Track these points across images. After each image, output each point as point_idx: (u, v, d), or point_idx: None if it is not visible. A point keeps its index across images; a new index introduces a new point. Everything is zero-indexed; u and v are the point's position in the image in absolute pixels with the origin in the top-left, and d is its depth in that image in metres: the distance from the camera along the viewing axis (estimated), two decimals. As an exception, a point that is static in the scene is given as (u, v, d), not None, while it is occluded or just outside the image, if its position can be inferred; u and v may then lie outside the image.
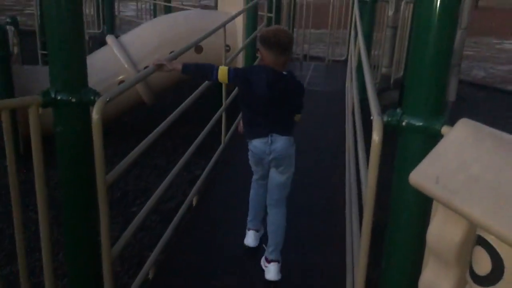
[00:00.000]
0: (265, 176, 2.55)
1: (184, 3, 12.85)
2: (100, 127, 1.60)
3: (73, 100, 1.65)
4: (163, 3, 9.57)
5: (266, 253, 2.47)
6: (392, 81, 6.10)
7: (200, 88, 3.15)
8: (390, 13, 6.64)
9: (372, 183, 1.61)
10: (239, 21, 5.12)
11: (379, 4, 5.77)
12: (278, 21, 7.50)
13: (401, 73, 6.29)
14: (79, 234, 1.92)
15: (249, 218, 2.70)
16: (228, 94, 3.85)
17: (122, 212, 3.98)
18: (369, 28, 5.15)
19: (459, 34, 5.12)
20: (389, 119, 1.61)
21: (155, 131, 2.30)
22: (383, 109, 1.72)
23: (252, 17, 5.10)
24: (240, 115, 2.83)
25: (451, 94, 6.01)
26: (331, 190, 3.20)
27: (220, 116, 3.66)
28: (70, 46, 1.69)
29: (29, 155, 1.65)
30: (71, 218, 1.91)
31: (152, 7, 10.15)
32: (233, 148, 3.88)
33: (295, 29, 8.23)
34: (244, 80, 2.34)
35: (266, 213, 2.55)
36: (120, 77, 5.14)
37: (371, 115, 1.74)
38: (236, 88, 4.38)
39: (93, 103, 1.62)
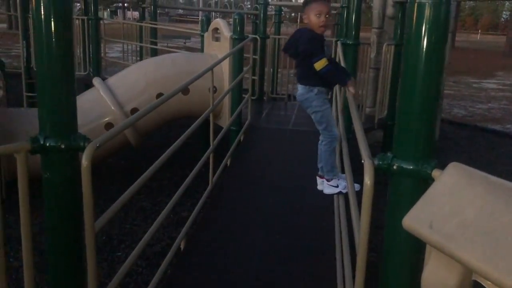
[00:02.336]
0: None
1: (169, 44, 13.05)
2: (90, 174, 1.58)
3: (63, 146, 1.63)
4: (149, 45, 9.72)
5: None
6: (376, 120, 6.19)
7: (190, 129, 3.14)
8: (372, 55, 6.83)
9: (365, 227, 1.60)
10: (225, 63, 5.20)
11: (362, 47, 5.93)
12: (262, 63, 7.64)
13: (385, 113, 6.40)
14: (64, 283, 1.85)
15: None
16: (215, 134, 3.85)
17: (107, 257, 3.88)
18: (352, 69, 5.26)
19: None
20: (380, 162, 1.62)
21: (144, 174, 2.27)
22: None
23: (238, 59, 5.19)
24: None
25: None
26: (320, 233, 3.17)
27: (208, 157, 3.65)
28: (60, 90, 1.68)
29: (11, 199, 1.62)
30: (56, 265, 1.85)
31: (138, 49, 10.29)
32: (221, 189, 3.85)
33: (279, 70, 8.38)
34: None
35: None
36: (107, 118, 5.13)
37: (361, 158, 1.75)
38: (222, 131, 4.40)
39: (82, 149, 1.60)
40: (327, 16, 3.13)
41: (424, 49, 1.52)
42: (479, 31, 62.36)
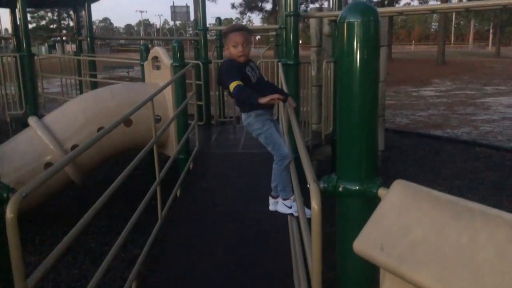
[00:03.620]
0: None
1: (111, 75, 12.77)
2: (16, 227, 1.44)
3: (-17, 199, 1.48)
4: (88, 78, 9.45)
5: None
6: (323, 136, 6.26)
7: (133, 162, 3.01)
8: (313, 73, 6.95)
9: (317, 254, 1.54)
10: (168, 91, 5.10)
11: (302, 65, 6.01)
12: (207, 87, 7.60)
13: (331, 129, 6.49)
14: None
15: None
16: (161, 167, 3.72)
17: (55, 307, 3.62)
18: (295, 88, 5.31)
19: (379, 86, 5.42)
20: (325, 185, 1.59)
21: (88, 213, 2.12)
22: (319, 165, 1.73)
23: (180, 86, 5.10)
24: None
25: (379, 144, 6.25)
26: (276, 258, 3.10)
27: (155, 191, 3.51)
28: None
29: None
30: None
31: (78, 83, 9.97)
32: (172, 223, 3.71)
33: (225, 93, 8.36)
34: None
35: None
36: (46, 158, 4.87)
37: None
38: (169, 160, 4.28)
39: (6, 201, 1.46)
40: (244, 45, 3.15)
41: (358, 67, 1.51)
42: (413, 42, 65.64)
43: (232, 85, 3.03)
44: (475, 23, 63.52)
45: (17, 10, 8.07)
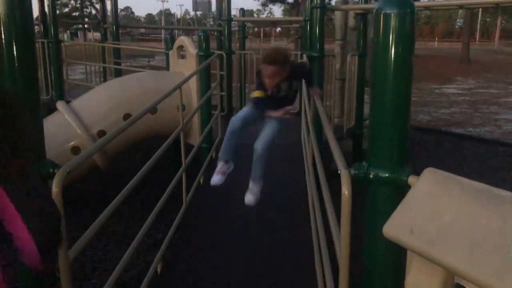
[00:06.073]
0: None
1: (133, 64, 12.91)
2: (61, 200, 1.52)
3: (30, 174, 1.56)
4: (112, 65, 9.59)
5: None
6: (345, 130, 6.27)
7: (161, 148, 3.09)
8: (337, 66, 6.94)
9: (345, 237, 1.59)
10: (192, 81, 5.17)
11: (326, 58, 6.02)
12: (230, 78, 7.65)
13: (353, 123, 6.49)
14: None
15: None
16: (186, 153, 3.80)
17: (81, 286, 3.74)
18: (319, 81, 5.33)
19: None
20: (356, 172, 1.62)
21: (117, 197, 2.20)
22: None
23: (205, 76, 5.17)
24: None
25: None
26: (299, 247, 3.15)
27: (180, 176, 3.59)
28: (25, 116, 1.61)
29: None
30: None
31: (102, 70, 10.13)
32: (196, 209, 3.78)
33: (246, 84, 8.41)
34: None
35: None
36: (73, 142, 5.00)
37: (337, 168, 1.75)
38: (194, 148, 4.36)
39: (52, 176, 1.54)
40: (269, 79, 3.06)
41: (393, 59, 1.54)
42: (436, 38, 64.58)
43: (254, 94, 3.19)
44: (503, 20, 62.18)
45: (45, -3, 8.23)
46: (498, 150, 8.46)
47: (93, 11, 46.16)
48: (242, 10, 9.74)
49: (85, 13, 49.01)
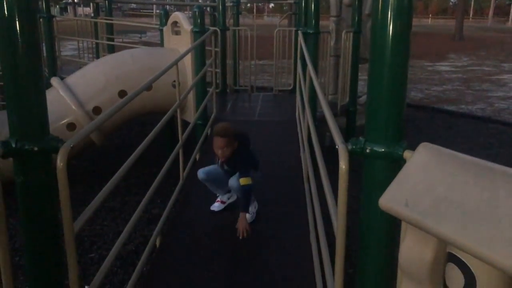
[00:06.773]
0: None
1: (125, 40, 12.78)
2: (66, 174, 1.55)
3: (36, 148, 1.59)
4: (105, 41, 9.48)
5: None
6: (338, 107, 6.31)
7: (159, 125, 3.12)
8: (332, 43, 6.94)
9: (342, 209, 1.65)
10: (187, 57, 5.16)
11: (321, 35, 6.01)
12: (224, 55, 7.62)
13: (347, 100, 6.52)
14: (44, 284, 1.82)
15: None
16: (183, 129, 3.82)
17: (80, 259, 3.80)
18: (313, 57, 5.33)
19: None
20: (353, 147, 1.67)
21: (117, 173, 2.24)
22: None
23: (200, 53, 5.16)
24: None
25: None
26: (294, 221, 3.23)
27: (177, 153, 3.62)
28: (28, 92, 1.63)
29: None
30: (34, 268, 1.81)
31: (94, 46, 10.02)
32: (192, 185, 3.84)
33: (240, 61, 8.38)
34: None
35: None
36: (68, 119, 5.00)
37: (330, 145, 1.80)
38: (190, 125, 4.39)
39: (56, 150, 1.57)
40: (221, 150, 3.09)
41: (390, 35, 1.57)
42: (430, 15, 64.21)
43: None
44: (497, -3, 61.90)
45: (36, -29, 8.06)
46: (489, 127, 8.56)
47: (83, -15, 45.28)
48: (236, -14, 9.61)
49: (75, -13, 48.01)
